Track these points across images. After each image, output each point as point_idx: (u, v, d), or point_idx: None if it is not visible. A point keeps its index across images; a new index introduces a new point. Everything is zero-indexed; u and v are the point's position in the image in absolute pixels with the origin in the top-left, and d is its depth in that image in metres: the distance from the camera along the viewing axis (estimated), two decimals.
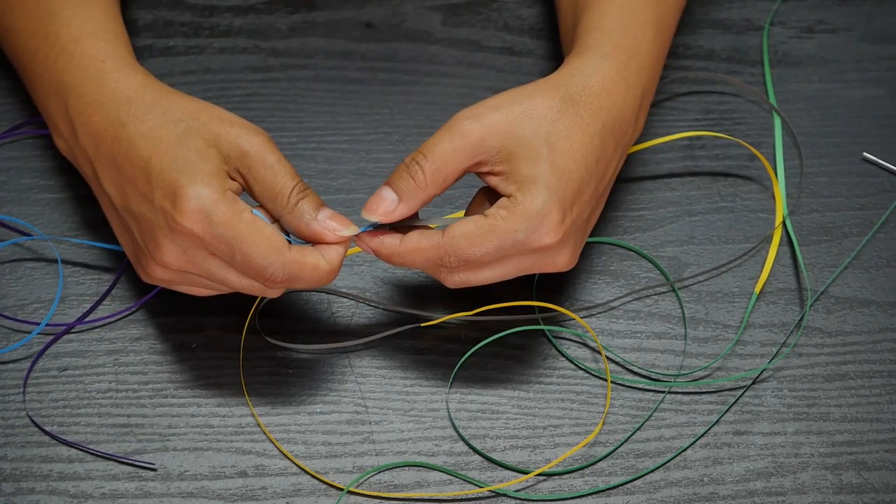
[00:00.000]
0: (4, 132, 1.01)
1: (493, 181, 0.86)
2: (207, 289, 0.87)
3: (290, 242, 0.84)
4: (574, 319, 0.94)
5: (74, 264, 0.95)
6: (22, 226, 0.96)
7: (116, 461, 0.88)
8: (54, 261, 0.95)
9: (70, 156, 0.90)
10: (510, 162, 0.85)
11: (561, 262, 0.86)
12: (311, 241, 0.85)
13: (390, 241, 0.85)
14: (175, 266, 0.84)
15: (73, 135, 0.89)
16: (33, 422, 0.89)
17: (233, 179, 0.84)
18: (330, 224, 0.84)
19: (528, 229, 0.84)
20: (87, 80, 0.88)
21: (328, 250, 0.85)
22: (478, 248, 0.84)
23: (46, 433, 0.88)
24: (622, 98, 0.89)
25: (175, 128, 0.84)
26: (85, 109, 0.87)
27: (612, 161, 0.89)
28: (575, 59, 0.90)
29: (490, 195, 0.88)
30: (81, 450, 0.88)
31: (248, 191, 0.85)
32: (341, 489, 0.87)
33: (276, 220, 0.85)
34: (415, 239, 0.85)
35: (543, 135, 0.85)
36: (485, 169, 0.85)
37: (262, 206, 0.85)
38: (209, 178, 0.83)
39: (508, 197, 0.84)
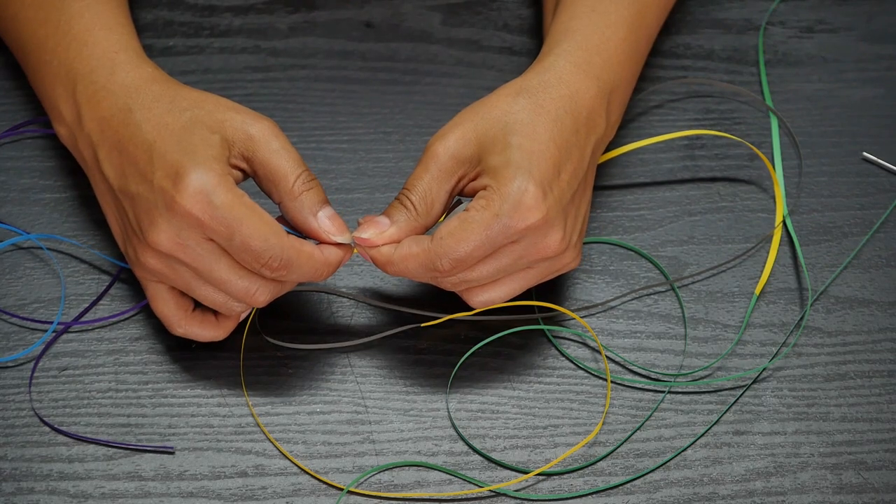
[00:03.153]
0: (5, 132, 1.01)
1: (471, 186, 0.87)
2: (189, 292, 0.87)
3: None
4: (574, 319, 0.94)
5: (74, 263, 0.95)
6: (16, 231, 0.96)
7: (133, 450, 0.88)
8: (54, 260, 0.95)
9: (70, 141, 0.91)
10: (482, 162, 0.86)
11: (553, 242, 0.86)
12: (307, 236, 0.86)
13: (387, 250, 0.86)
14: (166, 248, 0.84)
15: (77, 120, 0.89)
16: (44, 421, 0.89)
17: (236, 168, 0.85)
18: (326, 224, 0.85)
19: (509, 210, 0.84)
20: (99, 67, 0.89)
21: (326, 247, 0.86)
22: (466, 243, 0.84)
23: (61, 432, 0.88)
24: (584, 88, 0.89)
25: (181, 116, 0.85)
26: (94, 96, 0.88)
27: (587, 149, 0.89)
28: (534, 64, 0.91)
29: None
30: (91, 442, 0.88)
31: (252, 176, 0.86)
32: (341, 489, 0.87)
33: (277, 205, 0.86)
34: (406, 246, 0.86)
35: (507, 128, 0.86)
36: (464, 182, 0.87)
37: (265, 193, 0.86)
38: (211, 161, 0.83)
39: (484, 188, 0.85)
